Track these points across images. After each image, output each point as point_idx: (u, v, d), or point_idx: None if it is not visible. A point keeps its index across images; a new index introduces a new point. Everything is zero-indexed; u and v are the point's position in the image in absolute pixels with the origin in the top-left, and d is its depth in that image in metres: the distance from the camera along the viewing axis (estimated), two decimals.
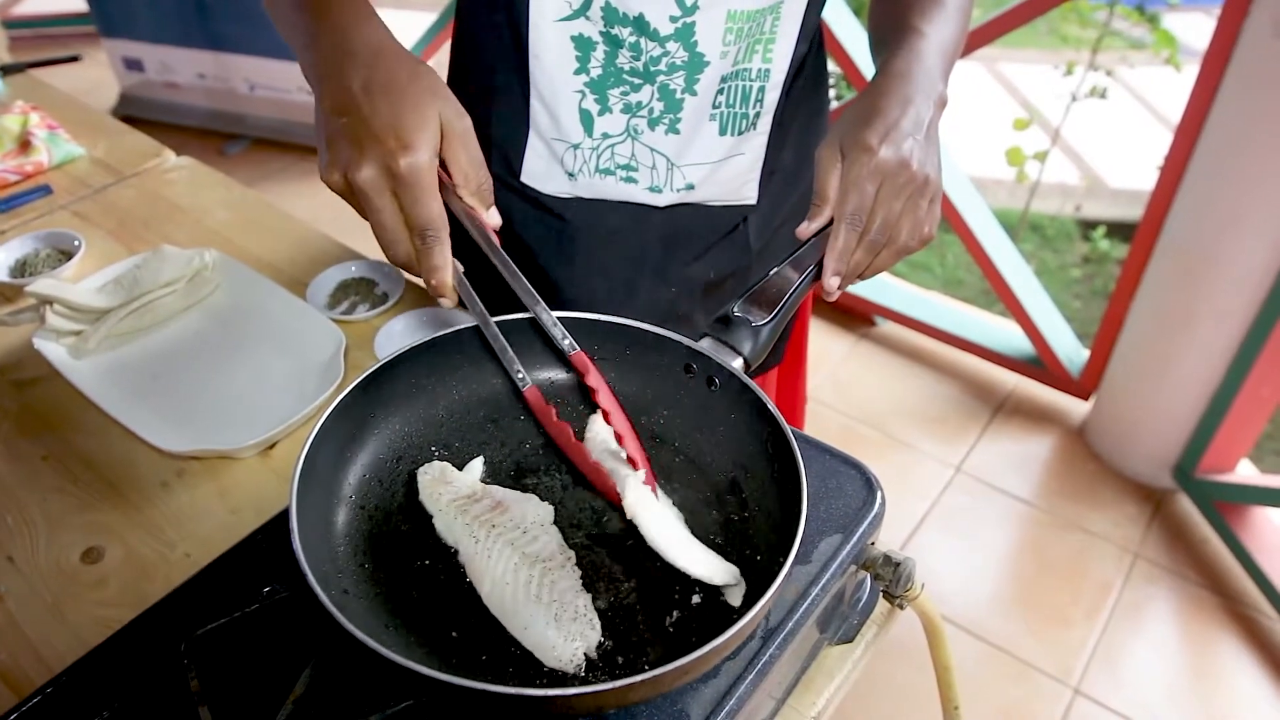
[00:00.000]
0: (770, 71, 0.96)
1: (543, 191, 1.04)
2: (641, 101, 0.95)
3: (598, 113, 0.96)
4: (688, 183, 1.01)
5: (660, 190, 1.01)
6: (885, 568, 0.78)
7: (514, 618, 0.64)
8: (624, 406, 0.79)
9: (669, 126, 0.97)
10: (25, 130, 1.48)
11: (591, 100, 0.95)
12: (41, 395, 1.04)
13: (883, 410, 2.56)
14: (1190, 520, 2.23)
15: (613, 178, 1.01)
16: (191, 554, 0.87)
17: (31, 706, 0.66)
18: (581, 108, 0.96)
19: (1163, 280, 2.12)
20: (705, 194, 1.03)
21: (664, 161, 0.99)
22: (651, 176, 1.00)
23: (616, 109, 0.96)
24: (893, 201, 0.76)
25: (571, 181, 1.02)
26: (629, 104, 0.95)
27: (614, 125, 0.97)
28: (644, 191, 1.01)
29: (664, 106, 0.95)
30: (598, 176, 1.01)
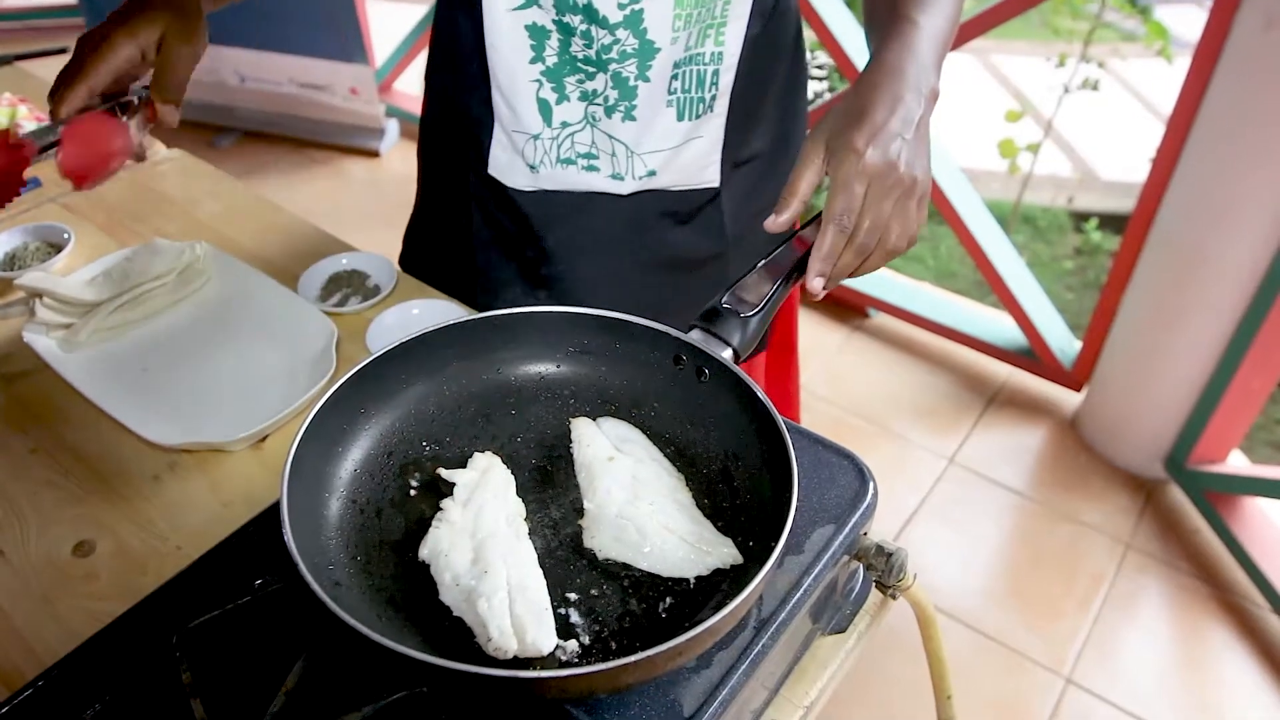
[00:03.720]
0: (724, 55, 0.96)
1: (508, 185, 1.05)
2: (597, 89, 0.96)
3: (555, 101, 0.97)
4: (649, 169, 1.01)
5: (622, 178, 1.02)
6: (878, 558, 0.79)
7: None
8: (614, 400, 0.80)
9: (625, 114, 0.97)
10: (13, 123, 1.47)
11: (549, 89, 0.96)
12: (31, 388, 1.04)
13: (876, 402, 2.56)
14: (1182, 511, 2.24)
15: (574, 167, 1.02)
16: (183, 546, 0.87)
17: (23, 700, 0.66)
18: (539, 97, 0.97)
19: (1155, 272, 2.13)
20: (667, 179, 1.03)
21: (623, 149, 1.00)
22: (612, 164, 1.01)
23: (574, 97, 0.97)
24: (881, 203, 0.75)
25: (534, 174, 1.03)
26: (585, 92, 0.96)
27: (572, 113, 0.98)
28: (606, 180, 1.02)
29: (619, 94, 0.96)
30: (559, 167, 1.01)
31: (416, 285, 1.19)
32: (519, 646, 0.60)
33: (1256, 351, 1.97)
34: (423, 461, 0.75)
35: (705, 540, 0.68)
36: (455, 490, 0.71)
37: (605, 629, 0.64)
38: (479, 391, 0.80)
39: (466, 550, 0.65)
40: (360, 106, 3.48)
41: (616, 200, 1.04)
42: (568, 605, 0.66)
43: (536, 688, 0.55)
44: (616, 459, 0.72)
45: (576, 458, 0.74)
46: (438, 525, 0.68)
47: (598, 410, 0.79)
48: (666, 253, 1.09)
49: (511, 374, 0.81)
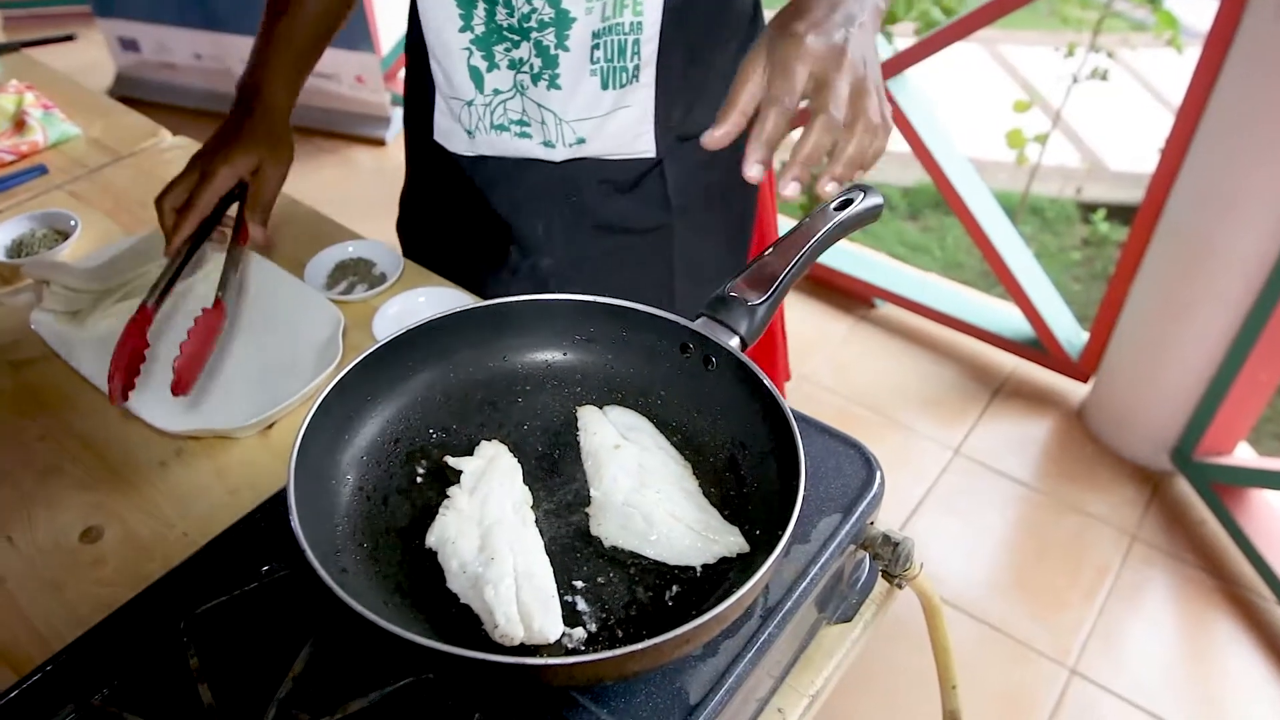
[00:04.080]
0: (643, 25, 0.98)
1: (451, 150, 1.12)
2: (523, 58, 1.00)
3: (486, 69, 1.01)
4: (578, 137, 1.05)
5: (553, 145, 1.06)
6: (884, 547, 0.78)
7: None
8: (621, 388, 0.80)
9: (550, 82, 1.00)
10: (20, 110, 1.47)
11: (479, 57, 1.00)
12: (38, 375, 1.04)
13: (881, 392, 2.56)
14: (1188, 503, 2.24)
15: (508, 133, 1.06)
16: (190, 533, 0.87)
17: (32, 684, 0.66)
18: (470, 65, 1.01)
19: (1163, 263, 2.12)
20: (598, 148, 1.06)
21: (552, 117, 1.03)
22: (543, 131, 1.05)
23: (503, 65, 1.01)
24: (835, 81, 0.70)
25: (471, 140, 1.09)
26: (513, 60, 1.00)
27: (502, 81, 1.02)
28: (539, 147, 1.06)
29: (542, 62, 0.99)
30: (494, 133, 1.06)
31: (422, 273, 1.19)
32: (526, 634, 0.60)
33: (1264, 344, 1.96)
34: (429, 449, 0.75)
35: (712, 528, 0.68)
36: (462, 478, 0.71)
37: (612, 617, 0.64)
38: (485, 379, 0.79)
39: (473, 537, 0.65)
40: (366, 95, 3.48)
41: (551, 166, 1.08)
42: (574, 593, 0.66)
43: (543, 675, 0.55)
44: (623, 447, 0.72)
45: (583, 445, 0.74)
46: (444, 512, 0.68)
47: (604, 398, 0.79)
48: (606, 218, 1.12)
49: (518, 362, 0.80)
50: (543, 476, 0.74)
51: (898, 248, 3.40)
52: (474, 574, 0.63)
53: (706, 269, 1.20)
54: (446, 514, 0.68)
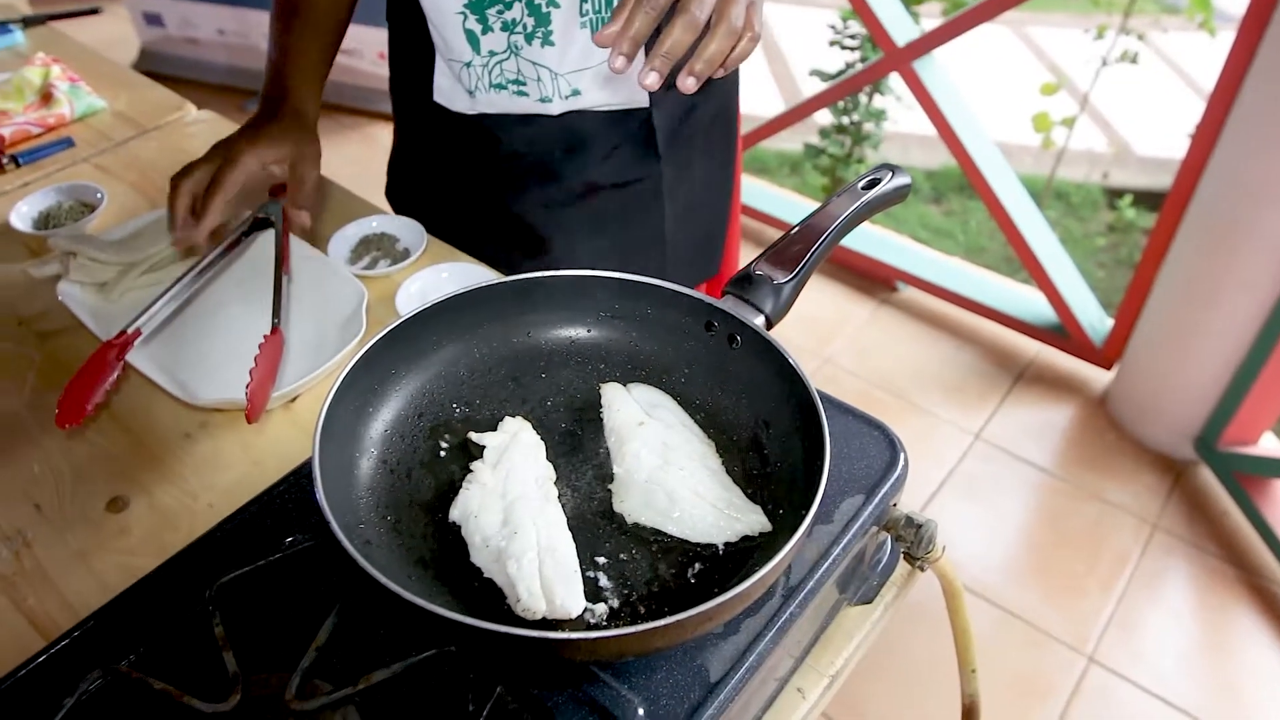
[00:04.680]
0: None
1: (452, 110, 1.14)
2: (515, 19, 1.02)
3: (480, 32, 1.03)
4: (573, 89, 1.08)
5: (550, 100, 1.09)
6: (907, 529, 0.78)
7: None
8: (645, 365, 0.79)
9: (544, 39, 1.03)
10: (47, 83, 1.47)
11: (473, 20, 1.03)
12: (65, 346, 1.05)
13: (902, 376, 2.54)
14: (1211, 492, 2.22)
15: (505, 92, 1.09)
16: (214, 504, 0.87)
17: (59, 650, 0.67)
18: (466, 28, 1.04)
19: (1190, 250, 2.09)
20: (594, 99, 1.10)
21: (547, 73, 1.06)
22: (539, 89, 1.08)
23: (496, 27, 1.03)
24: None
25: (471, 99, 1.11)
26: (506, 22, 1.02)
27: (497, 43, 1.04)
28: (535, 103, 1.09)
29: (535, 21, 1.02)
30: (493, 92, 1.09)
31: (446, 249, 1.19)
32: (548, 608, 0.60)
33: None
34: (453, 423, 0.75)
35: (735, 507, 0.68)
36: (485, 453, 0.71)
37: (634, 593, 0.64)
38: (509, 355, 0.79)
39: (496, 511, 0.66)
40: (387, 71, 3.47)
41: (550, 120, 1.11)
42: (596, 569, 0.66)
43: (566, 649, 0.55)
44: (647, 424, 0.72)
45: (606, 422, 0.74)
46: (468, 487, 0.68)
47: (628, 375, 0.79)
48: (601, 172, 1.16)
49: (542, 338, 0.80)
50: (565, 452, 0.74)
51: (920, 231, 3.37)
52: (497, 548, 0.63)
53: (697, 214, 1.26)
54: (470, 488, 0.68)
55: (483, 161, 1.18)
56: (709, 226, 1.31)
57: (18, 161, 1.35)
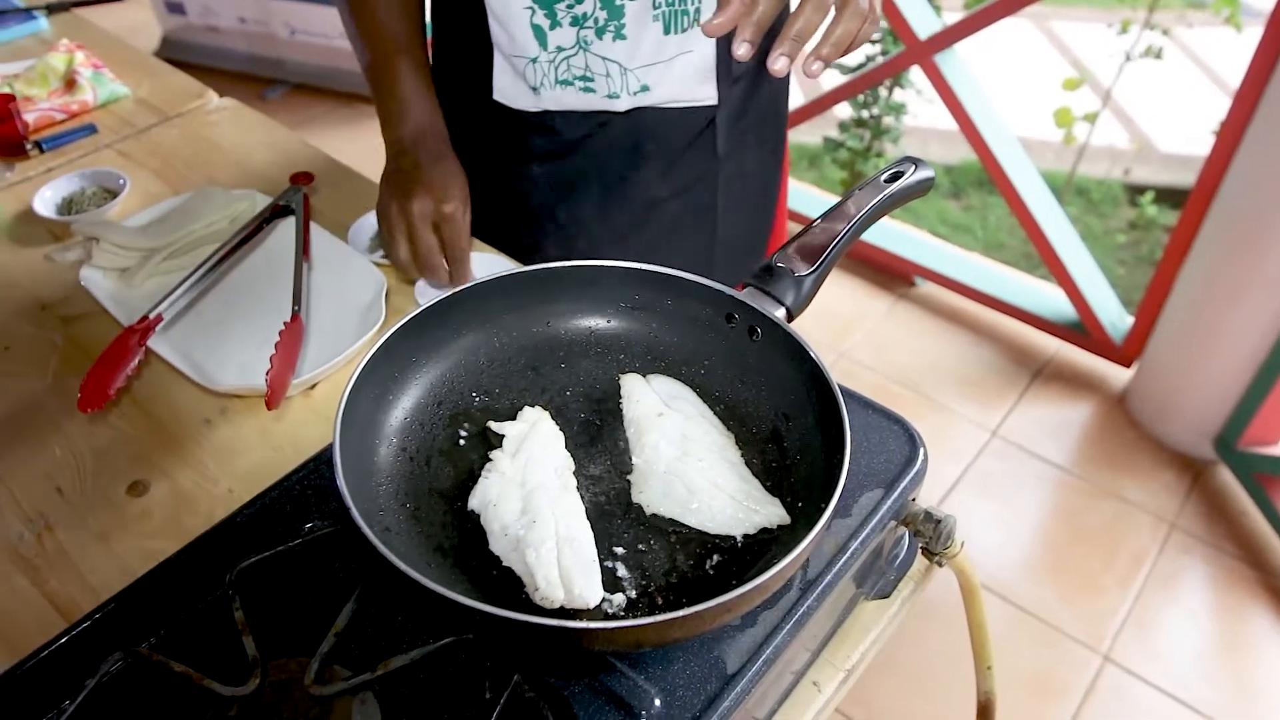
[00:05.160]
0: None
1: (514, 108, 1.10)
2: (586, 13, 0.99)
3: (548, 27, 1.00)
4: (642, 84, 1.05)
5: (618, 96, 1.06)
6: (926, 524, 0.78)
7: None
8: (664, 356, 0.79)
9: (615, 33, 1.00)
10: (71, 69, 1.48)
11: (541, 16, 1.00)
12: (88, 330, 1.05)
13: (919, 371, 2.53)
14: (1230, 492, 2.20)
15: (572, 88, 1.06)
16: (234, 489, 0.88)
17: (81, 631, 0.68)
18: (533, 24, 1.01)
19: (1213, 248, 2.07)
20: (662, 95, 1.07)
21: (616, 68, 1.03)
22: (607, 84, 1.05)
23: (565, 22, 1.00)
24: None
25: (536, 96, 1.08)
26: (575, 16, 0.99)
27: (565, 38, 1.01)
28: (603, 99, 1.06)
29: (608, 15, 0.99)
30: (559, 88, 1.06)
31: None
32: (566, 597, 0.60)
33: None
34: (472, 412, 0.75)
35: (753, 499, 0.67)
36: (504, 442, 0.71)
37: (652, 584, 0.64)
38: (529, 344, 0.79)
39: (515, 500, 0.66)
40: None
41: (618, 118, 1.08)
42: (615, 559, 0.66)
43: (584, 638, 0.56)
44: (666, 415, 0.72)
45: (626, 413, 0.74)
46: (487, 475, 0.68)
47: (648, 367, 0.79)
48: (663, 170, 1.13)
49: (562, 328, 0.80)
50: (584, 443, 0.74)
51: (939, 226, 3.35)
52: (515, 536, 0.64)
53: (748, 208, 1.24)
54: (489, 477, 0.68)
55: (540, 159, 1.15)
56: (758, 220, 1.30)
57: (41, 147, 1.36)
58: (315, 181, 1.26)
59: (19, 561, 0.82)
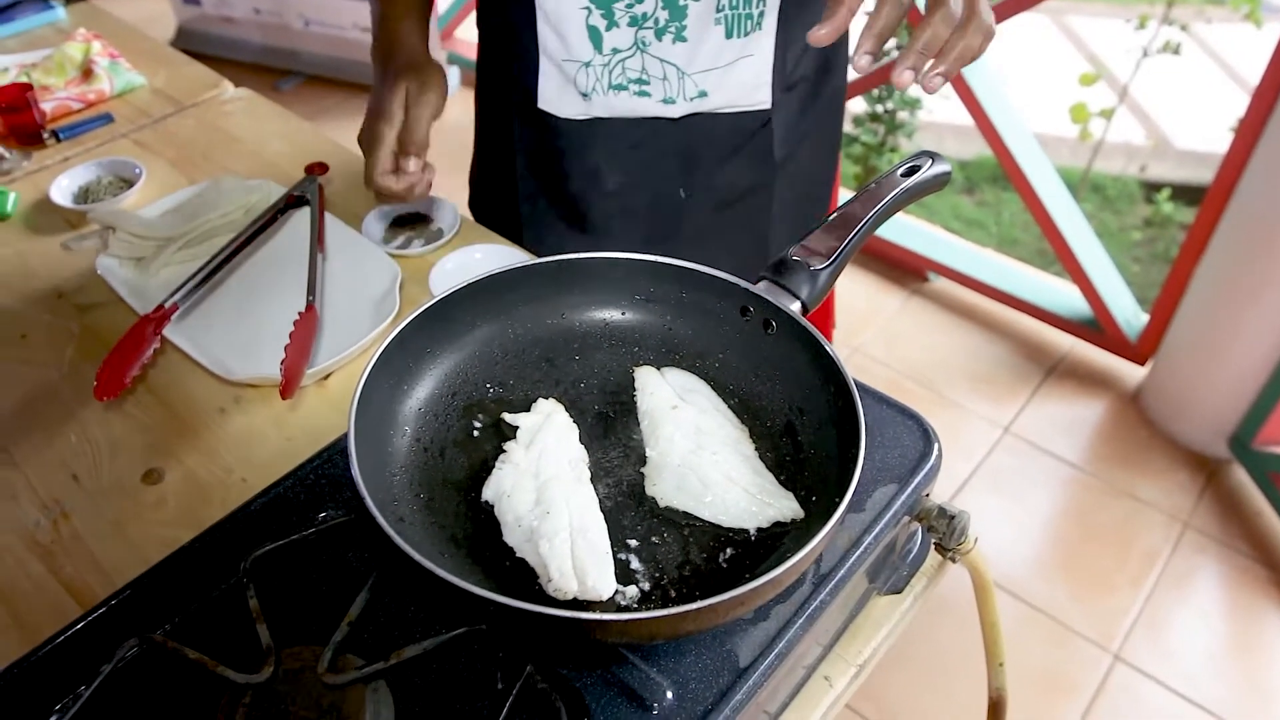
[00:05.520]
0: None
1: (559, 116, 1.06)
2: (647, 13, 0.96)
3: (605, 28, 0.97)
4: (700, 90, 1.02)
5: (674, 101, 1.02)
6: (940, 520, 0.78)
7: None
8: (679, 349, 0.79)
9: (676, 35, 0.97)
10: (88, 58, 1.48)
11: (598, 16, 0.97)
12: (103, 319, 1.06)
13: (931, 367, 2.52)
14: (1244, 492, 2.19)
15: (626, 93, 1.02)
16: (248, 479, 0.88)
17: (97, 618, 0.68)
18: (589, 25, 0.97)
19: (1231, 245, 2.06)
20: (719, 100, 1.04)
21: (674, 71, 1.00)
22: (664, 88, 1.02)
23: (623, 23, 0.97)
24: None
25: (586, 102, 1.04)
26: (634, 16, 0.96)
27: (622, 40, 0.98)
28: (658, 104, 1.03)
29: (669, 15, 0.96)
30: (611, 93, 1.02)
31: (480, 230, 1.19)
32: (579, 589, 0.60)
33: None
34: (486, 403, 0.75)
35: (767, 492, 0.67)
36: (518, 433, 0.71)
37: (665, 576, 0.64)
38: (544, 336, 0.79)
39: (529, 491, 0.66)
40: None
41: (668, 125, 1.05)
42: (628, 551, 0.66)
43: (598, 630, 0.56)
44: (680, 408, 0.72)
45: (640, 406, 0.74)
46: (501, 466, 0.68)
47: (662, 359, 0.79)
48: (716, 177, 1.10)
49: (577, 319, 0.80)
50: (598, 435, 0.74)
51: (953, 221, 3.34)
52: (529, 527, 0.64)
53: (800, 208, 1.21)
54: (503, 468, 0.68)
55: (588, 169, 1.11)
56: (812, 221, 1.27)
57: (58, 136, 1.36)
58: (330, 172, 1.26)
59: (35, 548, 0.82)
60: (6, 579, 0.80)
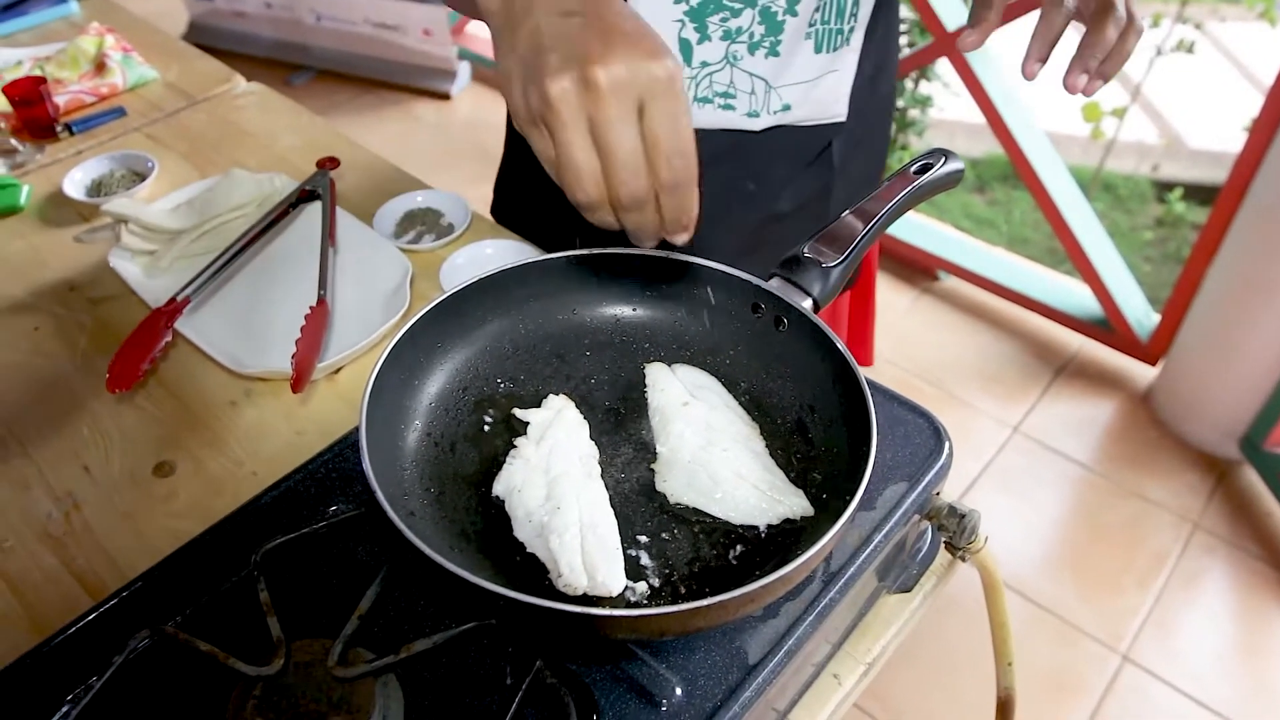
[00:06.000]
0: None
1: None
2: (741, 27, 0.94)
3: (696, 41, 0.95)
4: (784, 104, 1.00)
5: (758, 114, 1.01)
6: (950, 518, 0.77)
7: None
8: (690, 345, 0.79)
9: (769, 50, 0.96)
10: (101, 52, 1.49)
11: (691, 29, 0.95)
12: (115, 312, 1.06)
13: (941, 366, 2.52)
14: (1255, 493, 2.18)
15: (710, 105, 1.00)
16: (258, 472, 0.89)
17: (108, 609, 0.68)
18: (680, 37, 0.95)
19: (1244, 246, 2.04)
20: (800, 114, 1.02)
21: (762, 85, 0.98)
22: (750, 102, 1.00)
23: (715, 36, 0.95)
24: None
25: None
26: (728, 30, 0.94)
27: (713, 53, 0.96)
28: (741, 118, 1.01)
29: (765, 30, 0.94)
30: (696, 106, 1.00)
31: (490, 225, 1.19)
32: (589, 584, 0.60)
33: None
34: (497, 398, 0.75)
35: (777, 489, 0.67)
36: (529, 429, 0.71)
37: (675, 573, 0.64)
38: (555, 332, 0.79)
39: (540, 486, 0.66)
40: (432, 48, 3.48)
41: (747, 138, 1.03)
42: (638, 547, 0.66)
43: (608, 626, 0.55)
44: (691, 404, 0.72)
45: (650, 402, 0.74)
46: (511, 461, 0.68)
47: (673, 356, 0.79)
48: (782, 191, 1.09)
49: (588, 315, 0.80)
50: (609, 431, 0.74)
51: (963, 220, 3.33)
52: (540, 522, 0.64)
53: None
54: (513, 463, 0.68)
55: None
56: None
57: (71, 130, 1.37)
58: (341, 166, 1.26)
59: (47, 540, 0.83)
60: (19, 570, 0.80)
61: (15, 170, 1.29)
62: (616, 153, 0.54)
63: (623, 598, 0.62)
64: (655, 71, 0.53)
